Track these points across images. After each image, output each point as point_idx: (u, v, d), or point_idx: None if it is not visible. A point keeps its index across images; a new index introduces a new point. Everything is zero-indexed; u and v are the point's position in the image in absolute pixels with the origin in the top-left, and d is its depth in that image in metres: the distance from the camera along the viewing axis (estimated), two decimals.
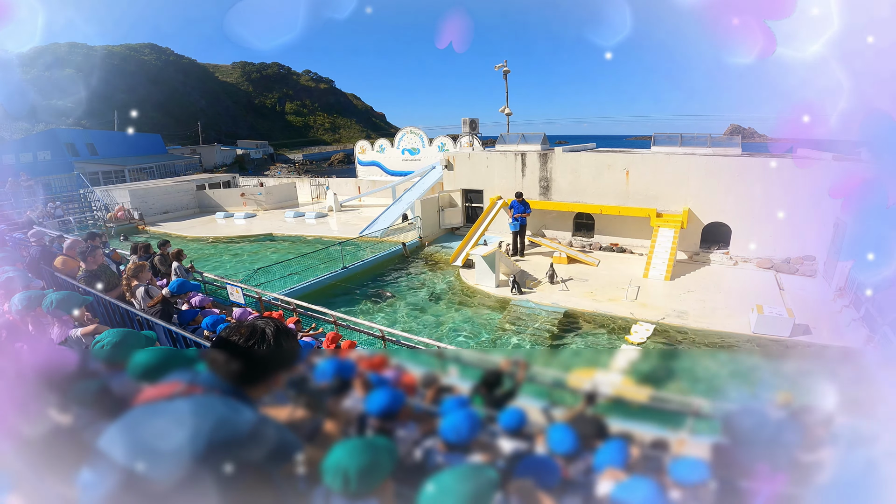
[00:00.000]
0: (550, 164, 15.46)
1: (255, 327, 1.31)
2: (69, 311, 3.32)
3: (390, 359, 1.72)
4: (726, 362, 2.12)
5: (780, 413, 1.37)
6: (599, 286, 11.49)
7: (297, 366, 1.43)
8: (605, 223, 14.96)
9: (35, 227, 9.91)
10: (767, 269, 12.38)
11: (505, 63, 21.24)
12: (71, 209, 20.95)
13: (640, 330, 9.27)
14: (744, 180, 12.63)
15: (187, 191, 23.71)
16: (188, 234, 18.80)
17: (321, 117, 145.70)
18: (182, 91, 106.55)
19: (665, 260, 12.11)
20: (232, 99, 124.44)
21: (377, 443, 1.16)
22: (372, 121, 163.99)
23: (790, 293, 10.78)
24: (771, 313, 8.75)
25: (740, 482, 1.23)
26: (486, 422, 1.44)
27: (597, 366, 1.80)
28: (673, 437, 1.47)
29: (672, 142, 14.98)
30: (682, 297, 10.69)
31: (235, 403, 1.14)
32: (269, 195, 23.78)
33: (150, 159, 38.01)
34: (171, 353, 1.79)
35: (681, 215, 13.04)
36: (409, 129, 25.70)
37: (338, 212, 22.03)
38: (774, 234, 12.30)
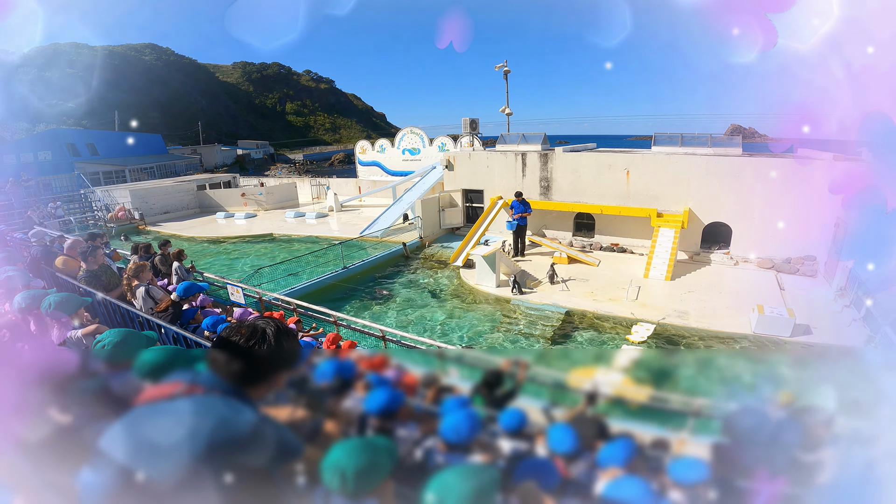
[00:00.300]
0: (551, 164, 15.46)
1: (256, 327, 1.31)
2: (68, 312, 3.32)
3: (390, 359, 1.72)
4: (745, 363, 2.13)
5: (781, 413, 1.37)
6: (600, 286, 11.49)
7: (298, 366, 1.43)
8: (606, 223, 14.95)
9: (36, 227, 9.93)
10: (768, 269, 12.38)
11: (505, 63, 21.24)
12: (72, 209, 20.98)
13: (640, 330, 9.27)
14: (744, 180, 12.62)
15: (188, 191, 23.73)
16: (188, 234, 18.82)
17: (322, 117, 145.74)
18: (182, 91, 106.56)
19: (666, 260, 12.11)
20: (232, 99, 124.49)
21: (376, 443, 1.16)
22: (372, 121, 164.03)
23: (791, 293, 10.77)
24: (772, 313, 8.74)
25: (740, 482, 1.23)
26: (486, 422, 1.44)
27: (597, 365, 1.80)
28: (673, 436, 1.47)
29: (672, 142, 14.99)
30: (682, 297, 10.68)
31: (236, 403, 1.14)
32: (269, 195, 23.79)
33: (151, 159, 38.02)
34: (177, 352, 1.79)
35: (681, 215, 13.03)
36: (409, 129, 25.71)
37: (338, 212, 22.03)
38: (775, 235, 12.30)
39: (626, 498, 1.19)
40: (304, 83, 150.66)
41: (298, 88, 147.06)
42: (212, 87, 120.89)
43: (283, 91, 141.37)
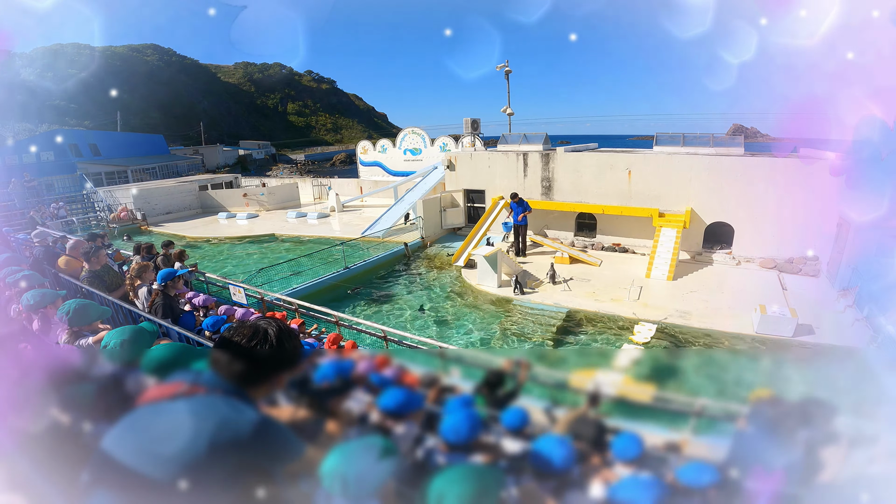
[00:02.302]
0: (552, 164, 15.45)
1: (258, 328, 1.31)
2: (86, 322, 3.13)
3: (392, 359, 1.72)
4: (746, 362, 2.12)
5: (778, 413, 1.37)
6: (602, 286, 11.48)
7: (300, 366, 1.44)
8: (608, 223, 14.93)
9: (38, 227, 9.96)
10: (770, 268, 12.35)
11: (507, 63, 21.23)
12: (74, 210, 21.05)
13: (642, 330, 9.25)
14: (746, 180, 12.59)
15: (190, 191, 23.78)
16: (191, 234, 18.85)
17: (323, 118, 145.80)
18: (184, 92, 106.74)
19: (667, 260, 12.09)
20: (234, 99, 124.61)
21: (377, 444, 1.16)
22: (374, 121, 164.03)
23: (793, 293, 10.75)
24: (774, 313, 8.72)
25: (742, 482, 1.22)
26: (488, 422, 1.44)
27: (600, 366, 1.80)
28: (676, 437, 1.47)
29: (674, 141, 14.96)
30: (684, 297, 10.66)
31: (238, 404, 1.14)
32: (271, 195, 23.82)
33: (153, 160, 38.06)
34: (186, 348, 1.80)
35: (683, 215, 13.01)
36: (410, 129, 25.72)
37: (340, 212, 22.05)
38: (777, 234, 12.26)
39: (637, 498, 1.19)
40: (305, 83, 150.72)
41: (300, 89, 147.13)
42: (214, 88, 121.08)
43: (284, 91, 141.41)
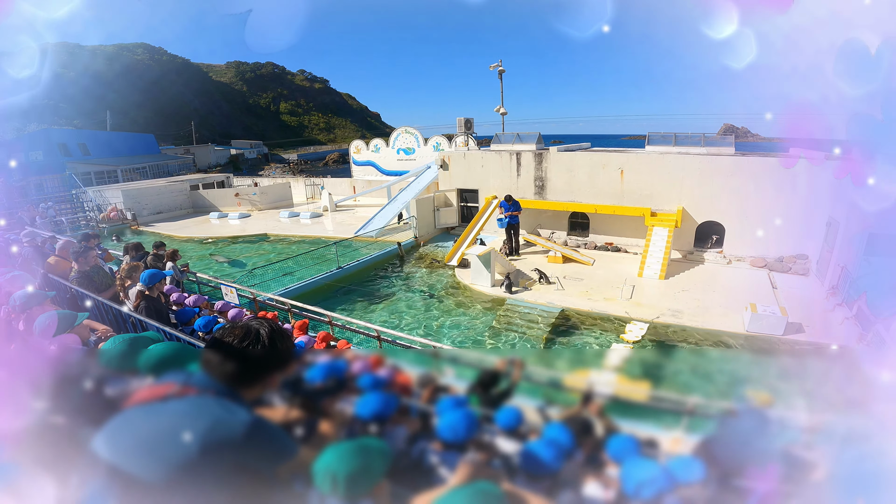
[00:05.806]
0: (545, 163, 15.49)
1: (250, 328, 1.30)
2: (61, 332, 3.05)
3: (385, 359, 1.71)
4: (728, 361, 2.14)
5: (773, 413, 1.38)
6: (594, 285, 11.53)
7: (292, 366, 1.43)
8: (600, 222, 15.00)
9: (27, 227, 9.83)
10: (761, 267, 12.47)
11: (500, 62, 21.26)
12: (63, 210, 20.80)
13: (634, 329, 9.31)
14: (737, 179, 12.71)
15: (181, 191, 23.59)
16: (181, 234, 18.70)
17: (316, 117, 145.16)
18: (175, 91, 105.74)
19: (659, 259, 12.17)
20: (226, 99, 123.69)
21: (370, 444, 1.16)
22: (367, 120, 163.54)
23: (783, 291, 10.86)
24: (764, 312, 8.81)
25: (734, 481, 1.23)
26: (482, 421, 1.44)
27: (593, 366, 1.80)
28: (667, 435, 1.47)
29: (666, 141, 15.06)
30: (676, 296, 10.74)
31: (230, 404, 1.13)
32: (263, 195, 23.69)
33: (144, 159, 37.76)
34: (184, 348, 1.78)
35: (675, 214, 13.10)
36: (404, 128, 25.68)
37: (333, 212, 21.97)
38: (768, 233, 12.38)
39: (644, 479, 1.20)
40: (298, 83, 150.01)
41: (293, 88, 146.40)
42: (205, 87, 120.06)
43: (277, 91, 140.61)
